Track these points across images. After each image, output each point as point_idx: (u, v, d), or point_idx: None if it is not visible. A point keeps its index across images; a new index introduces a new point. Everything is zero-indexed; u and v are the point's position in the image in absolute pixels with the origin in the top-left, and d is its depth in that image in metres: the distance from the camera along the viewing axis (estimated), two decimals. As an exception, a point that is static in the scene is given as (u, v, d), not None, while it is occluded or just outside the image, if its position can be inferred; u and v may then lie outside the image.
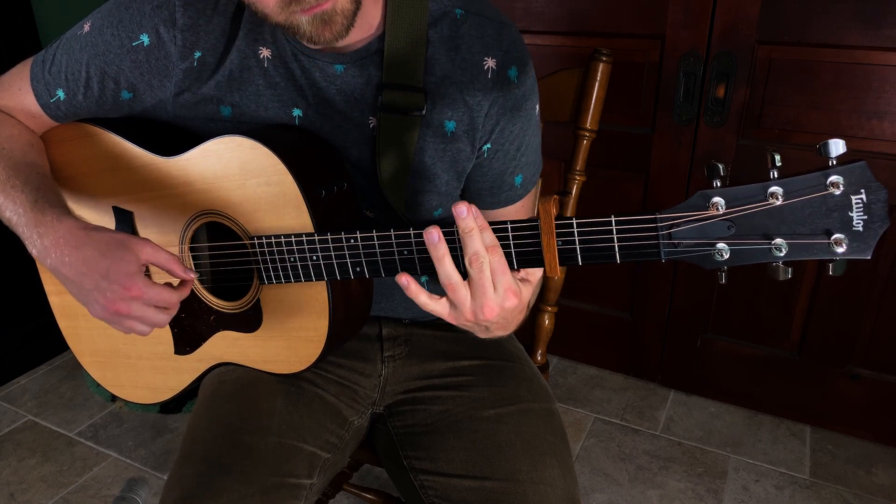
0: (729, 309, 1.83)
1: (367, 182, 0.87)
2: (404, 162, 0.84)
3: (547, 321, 1.19)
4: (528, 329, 1.21)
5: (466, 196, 0.93)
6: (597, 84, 1.09)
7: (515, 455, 0.85)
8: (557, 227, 0.66)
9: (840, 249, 0.56)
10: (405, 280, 0.71)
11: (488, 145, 0.87)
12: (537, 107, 0.90)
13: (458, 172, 0.88)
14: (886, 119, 1.49)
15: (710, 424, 1.87)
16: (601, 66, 1.08)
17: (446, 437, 0.89)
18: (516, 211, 0.95)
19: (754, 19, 1.54)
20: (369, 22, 0.81)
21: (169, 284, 0.79)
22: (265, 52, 0.83)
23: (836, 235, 0.56)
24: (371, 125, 0.84)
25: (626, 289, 1.97)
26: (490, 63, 0.83)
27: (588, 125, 1.11)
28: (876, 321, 1.67)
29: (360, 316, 0.90)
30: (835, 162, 0.55)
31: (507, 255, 0.69)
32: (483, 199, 0.92)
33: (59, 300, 1.01)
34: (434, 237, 0.68)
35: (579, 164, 1.14)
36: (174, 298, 0.79)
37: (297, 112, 0.85)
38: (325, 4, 0.70)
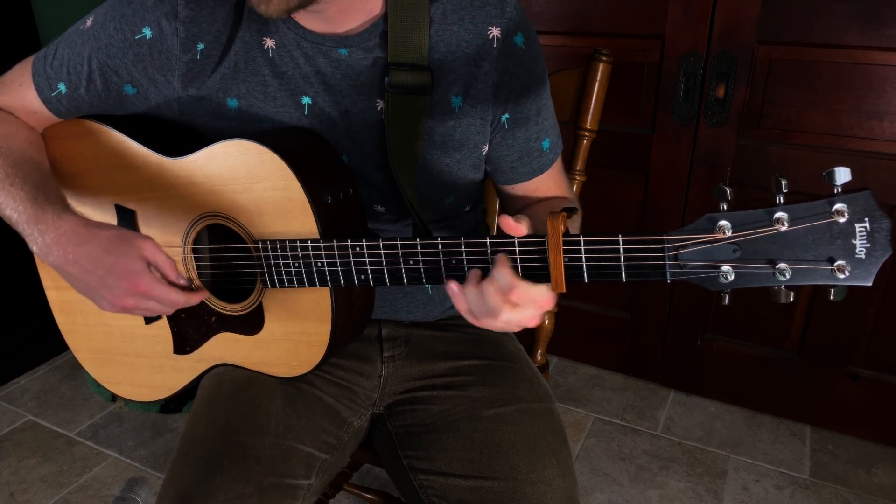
0: (729, 309, 1.83)
1: (377, 171, 0.87)
2: (414, 144, 0.84)
3: (547, 321, 1.19)
4: (528, 329, 1.21)
5: (499, 174, 0.93)
6: (597, 84, 1.09)
7: (515, 455, 0.85)
8: (565, 243, 0.66)
9: (842, 276, 0.58)
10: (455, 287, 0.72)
11: (506, 115, 0.87)
12: (546, 71, 0.90)
13: (469, 150, 0.88)
14: (886, 119, 1.49)
15: (710, 424, 1.87)
16: (601, 66, 1.08)
17: (446, 437, 0.89)
18: (548, 178, 0.94)
19: (754, 19, 1.54)
20: (371, 5, 0.82)
21: (181, 288, 0.79)
22: (269, 42, 0.83)
23: (839, 262, 0.58)
24: (379, 108, 0.84)
25: (626, 289, 1.97)
26: (495, 32, 0.83)
27: (588, 125, 1.11)
28: (876, 321, 1.67)
29: (362, 320, 0.90)
30: (840, 190, 0.56)
31: (513, 269, 0.69)
32: (517, 171, 0.92)
33: (57, 295, 1.01)
34: (453, 289, 0.71)
35: (579, 164, 1.14)
36: (181, 301, 0.79)
37: (306, 100, 0.85)
38: None
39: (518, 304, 0.69)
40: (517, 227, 0.68)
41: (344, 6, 0.79)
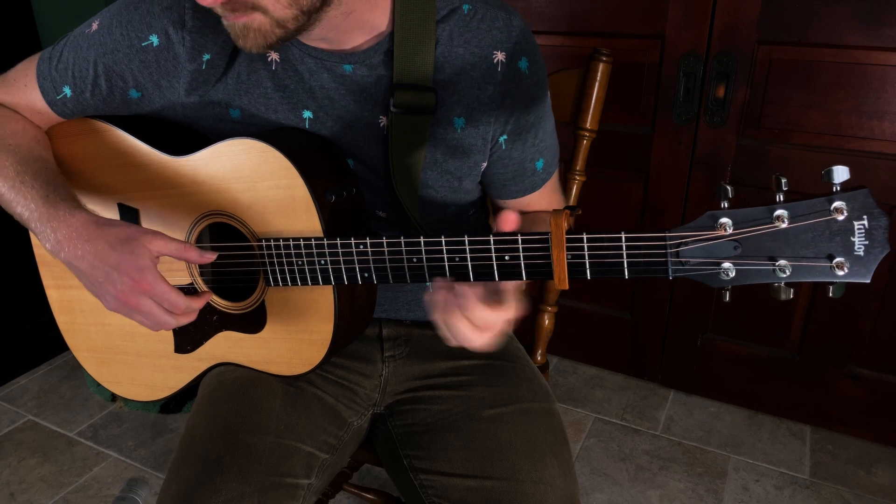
0: (729, 309, 1.83)
1: (379, 181, 0.87)
2: (416, 160, 0.85)
3: (547, 321, 1.19)
4: (528, 329, 1.21)
5: (491, 189, 0.94)
6: (597, 84, 1.09)
7: (515, 455, 0.85)
8: (568, 240, 0.67)
9: (841, 273, 0.58)
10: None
11: (504, 136, 0.87)
12: (548, 93, 0.91)
13: (469, 167, 0.88)
14: (886, 119, 1.49)
15: (710, 424, 1.87)
16: (601, 66, 1.08)
17: (446, 437, 0.89)
18: (540, 195, 0.96)
19: (754, 19, 1.54)
20: (376, 23, 0.81)
21: (185, 293, 0.79)
22: (273, 55, 0.83)
23: (838, 259, 0.58)
24: (382, 124, 0.85)
25: (626, 289, 1.97)
26: (500, 56, 0.83)
27: (588, 125, 1.11)
28: (876, 321, 1.67)
29: (364, 319, 0.90)
30: (839, 188, 0.57)
31: (516, 267, 0.70)
32: (508, 188, 0.93)
33: (58, 294, 1.01)
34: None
35: (579, 164, 1.14)
36: (181, 303, 0.78)
37: (307, 114, 0.85)
38: (239, 19, 0.70)
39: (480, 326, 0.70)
40: (512, 221, 0.68)
41: (343, 29, 0.79)
